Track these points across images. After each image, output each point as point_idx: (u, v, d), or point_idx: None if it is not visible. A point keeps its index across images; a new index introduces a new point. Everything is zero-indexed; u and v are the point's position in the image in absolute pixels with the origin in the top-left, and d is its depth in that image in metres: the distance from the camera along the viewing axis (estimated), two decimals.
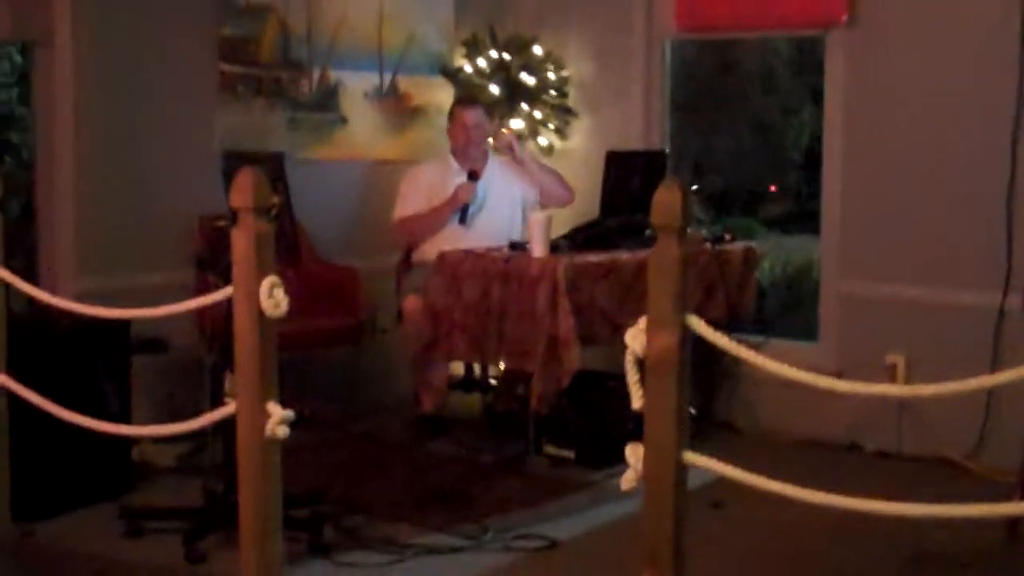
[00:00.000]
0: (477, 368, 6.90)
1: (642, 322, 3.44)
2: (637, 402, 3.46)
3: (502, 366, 6.40)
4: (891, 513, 3.18)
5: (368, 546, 4.89)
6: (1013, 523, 4.82)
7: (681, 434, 3.41)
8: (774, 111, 9.12)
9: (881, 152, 6.48)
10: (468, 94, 7.26)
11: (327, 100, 7.23)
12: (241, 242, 3.73)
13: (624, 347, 3.42)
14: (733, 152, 9.78)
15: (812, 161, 8.13)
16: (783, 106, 9.44)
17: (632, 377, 3.45)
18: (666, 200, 3.38)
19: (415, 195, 6.70)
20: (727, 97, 9.68)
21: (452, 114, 6.92)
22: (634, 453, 3.46)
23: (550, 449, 6.04)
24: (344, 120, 7.30)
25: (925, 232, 6.30)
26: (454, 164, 6.78)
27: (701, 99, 9.55)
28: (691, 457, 3.41)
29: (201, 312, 5.19)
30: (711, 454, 3.37)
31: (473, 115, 6.81)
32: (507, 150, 6.83)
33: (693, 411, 6.35)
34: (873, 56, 6.48)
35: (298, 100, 7.10)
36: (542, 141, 7.55)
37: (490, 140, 7.00)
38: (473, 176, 6.67)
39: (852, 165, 6.59)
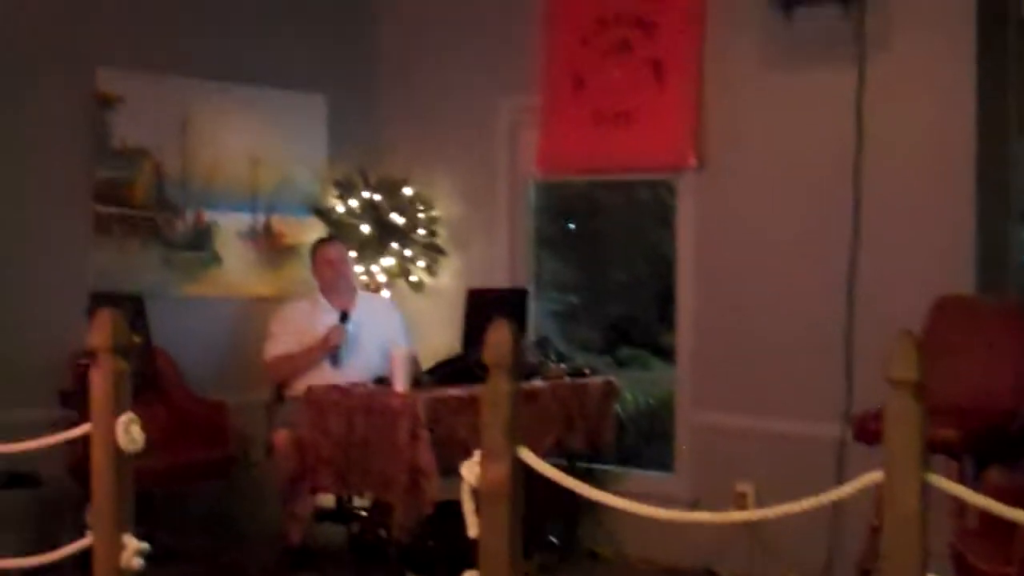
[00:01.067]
0: (346, 499, 7.05)
1: (477, 454, 3.67)
2: (473, 530, 3.67)
3: (368, 498, 6.57)
4: None
5: None
6: None
7: (514, 559, 3.62)
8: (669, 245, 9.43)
9: (729, 289, 6.82)
10: (328, 233, 7.52)
11: (201, 239, 7.44)
12: (98, 380, 3.92)
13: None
14: (631, 285, 10.02)
15: None
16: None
17: (468, 507, 3.66)
18: (497, 340, 3.64)
19: (285, 333, 6.87)
20: (628, 230, 9.96)
21: (314, 253, 7.16)
22: None
23: None
24: (217, 258, 7.50)
25: (771, 365, 6.62)
26: (323, 301, 6.97)
27: (600, 233, 9.86)
28: None
29: (69, 447, 5.34)
30: None
31: (334, 250, 7.08)
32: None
33: (555, 540, 6.62)
34: (720, 197, 6.85)
35: (172, 240, 7.30)
36: (412, 279, 7.80)
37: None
38: (344, 318, 6.85)
39: (703, 301, 6.93)
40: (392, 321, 7.15)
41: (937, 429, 4.73)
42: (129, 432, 3.86)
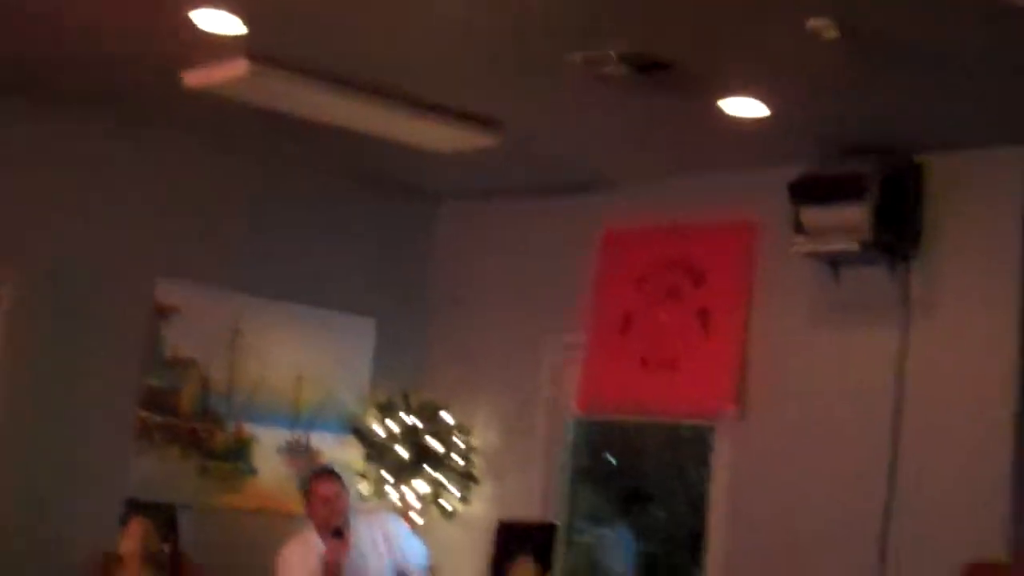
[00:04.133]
0: None
1: None
2: None
3: None
4: None
5: None
6: None
7: None
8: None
9: (761, 538, 6.79)
10: (322, 466, 7.28)
11: (240, 451, 7.50)
12: None
13: None
14: (666, 522, 10.03)
15: None
16: None
17: None
18: None
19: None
20: (668, 467, 9.99)
21: (308, 489, 6.78)
22: None
23: None
24: (254, 471, 7.56)
25: None
26: (318, 543, 6.61)
27: (638, 469, 9.91)
28: None
29: None
30: None
31: (330, 487, 6.69)
32: None
33: None
34: (759, 447, 6.87)
35: (212, 450, 7.37)
36: (444, 505, 7.82)
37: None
38: (338, 534, 6.56)
39: (734, 547, 6.92)
40: (395, 533, 6.90)
41: None
42: None
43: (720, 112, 6.06)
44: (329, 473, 6.94)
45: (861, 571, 6.36)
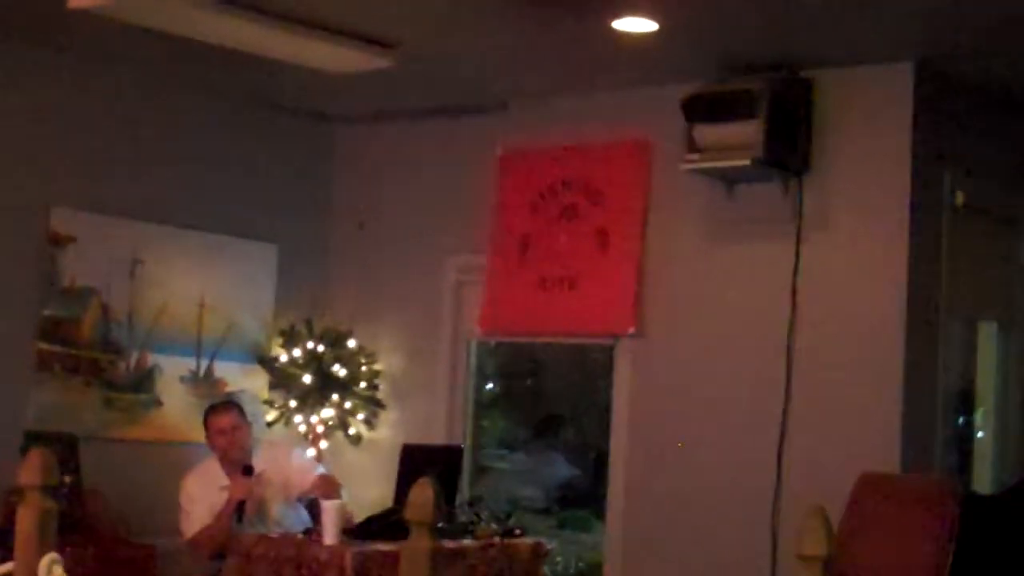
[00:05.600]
0: None
1: None
2: None
3: None
4: None
5: None
6: None
7: None
8: None
9: (661, 454, 6.90)
10: (219, 397, 7.30)
11: (143, 382, 7.45)
12: (25, 519, 3.93)
13: None
14: (577, 445, 10.04)
15: None
16: None
17: None
18: (419, 498, 3.70)
19: (197, 507, 6.63)
20: (579, 390, 10.00)
21: (207, 422, 6.87)
22: None
23: None
24: (158, 402, 7.52)
25: (699, 533, 6.67)
26: (220, 473, 6.70)
27: (549, 392, 9.91)
28: None
29: None
30: None
31: (228, 418, 6.80)
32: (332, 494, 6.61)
33: None
34: (657, 364, 6.98)
35: (115, 381, 7.31)
36: (351, 431, 7.84)
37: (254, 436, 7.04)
38: (248, 471, 6.62)
39: (635, 465, 7.01)
40: (294, 463, 6.99)
41: None
42: (51, 573, 3.87)
43: (611, 29, 6.06)
44: (226, 404, 7.00)
45: (760, 486, 6.47)
